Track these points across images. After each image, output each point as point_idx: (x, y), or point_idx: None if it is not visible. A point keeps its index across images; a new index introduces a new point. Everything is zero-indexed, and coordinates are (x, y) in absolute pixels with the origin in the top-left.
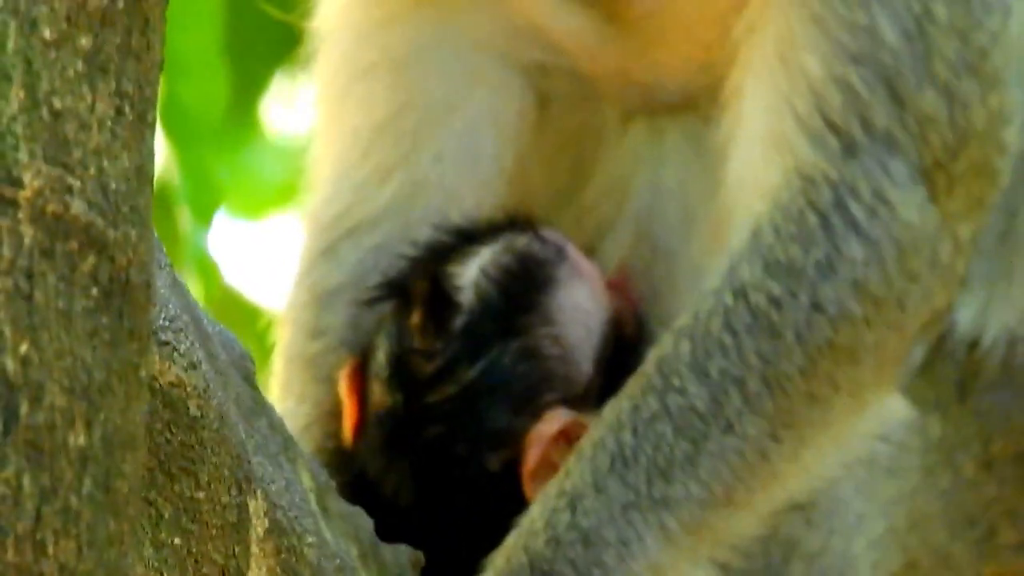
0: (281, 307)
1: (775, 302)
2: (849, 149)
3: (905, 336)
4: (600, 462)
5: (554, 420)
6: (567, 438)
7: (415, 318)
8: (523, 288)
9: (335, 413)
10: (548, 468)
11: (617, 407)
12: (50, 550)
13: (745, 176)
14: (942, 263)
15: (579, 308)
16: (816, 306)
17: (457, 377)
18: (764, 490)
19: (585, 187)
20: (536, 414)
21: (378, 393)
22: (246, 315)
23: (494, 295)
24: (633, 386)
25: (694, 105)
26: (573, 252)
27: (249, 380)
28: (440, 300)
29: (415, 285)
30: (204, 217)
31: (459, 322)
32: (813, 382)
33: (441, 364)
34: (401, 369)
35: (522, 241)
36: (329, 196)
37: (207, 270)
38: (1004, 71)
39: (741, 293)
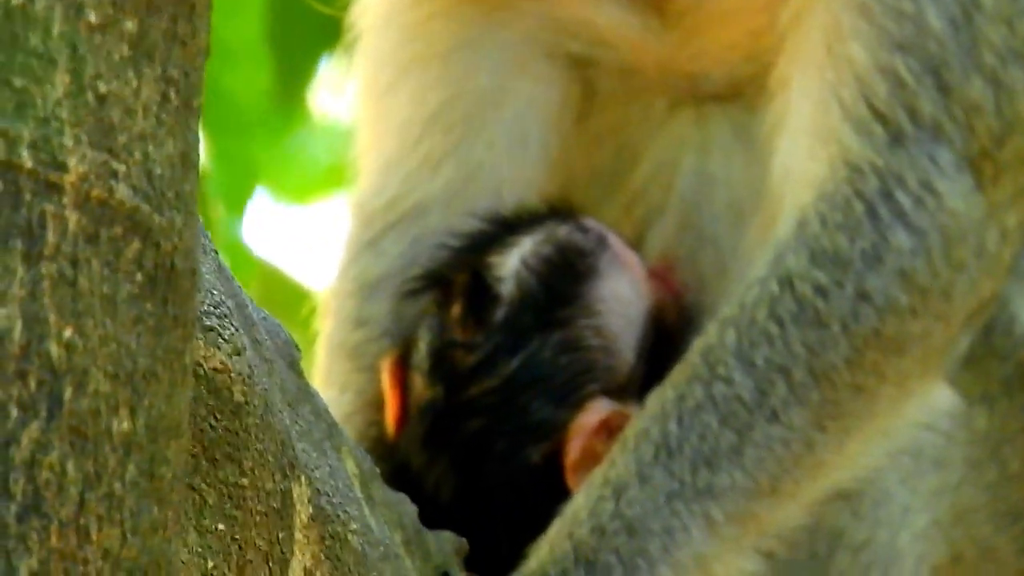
0: (325, 294)
1: (821, 291)
2: (896, 138)
3: (951, 326)
4: (644, 452)
5: (596, 411)
6: (609, 429)
7: (455, 310)
8: (564, 279)
9: (377, 403)
10: (591, 459)
11: (662, 397)
12: (94, 536)
13: (791, 165)
14: (988, 252)
15: (621, 298)
16: (862, 296)
17: (498, 370)
18: (809, 480)
19: (630, 176)
20: (578, 405)
21: (419, 385)
22: (292, 300)
23: (535, 286)
24: (678, 375)
25: (740, 94)
26: (615, 241)
27: (294, 367)
28: (481, 292)
29: (456, 276)
30: (238, 205)
31: (500, 314)
32: (859, 373)
33: (482, 357)
34: (442, 362)
35: (563, 231)
36: (377, 187)
37: (242, 258)
38: None
39: (787, 282)
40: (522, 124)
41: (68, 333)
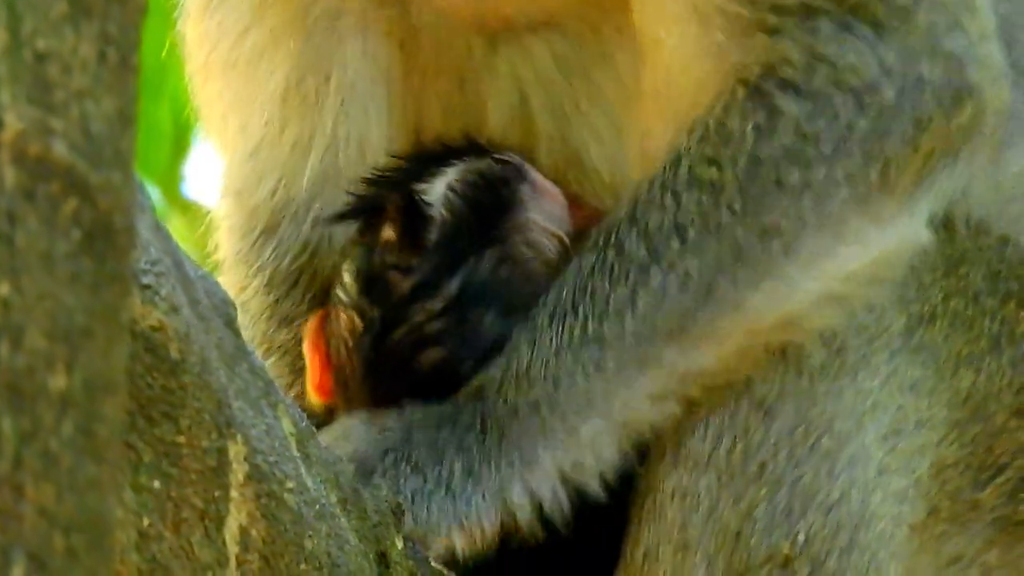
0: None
1: (712, 162)
2: (773, 30)
3: (893, 164)
4: (541, 320)
5: None
6: None
7: (388, 234)
8: (491, 201)
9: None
10: None
11: (572, 269)
12: (29, 493)
13: (664, 75)
14: (889, 94)
15: (546, 217)
16: (755, 160)
17: (440, 291)
18: (719, 322)
19: (484, 114)
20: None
21: (348, 321)
22: None
23: (465, 209)
24: (582, 250)
25: (557, 24)
26: (532, 170)
27: (231, 325)
28: (413, 214)
29: (386, 200)
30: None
31: (433, 236)
32: (764, 219)
33: (421, 278)
34: (376, 285)
35: (483, 162)
36: (254, 174)
37: (189, 213)
38: None
39: (676, 162)
40: (369, 86)
41: (4, 289)
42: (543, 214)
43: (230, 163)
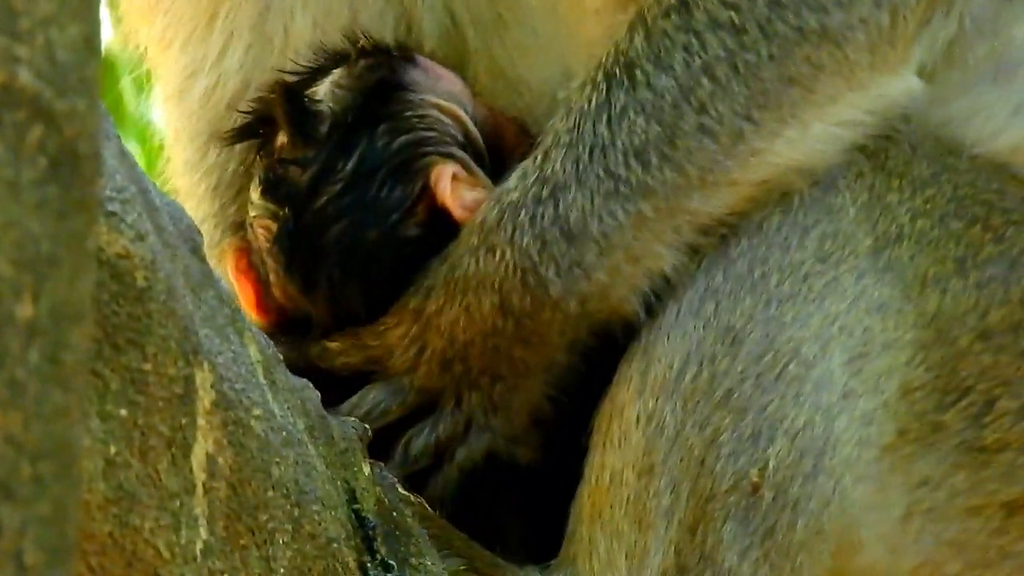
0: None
1: (730, 6)
2: None
3: (900, 12)
4: (580, 150)
5: (444, 167)
6: (460, 183)
7: (281, 138)
8: (378, 85)
9: None
10: (460, 193)
11: (581, 99)
12: None
13: None
14: None
15: (441, 95)
16: (775, 2)
17: (336, 175)
18: (741, 170)
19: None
20: (423, 172)
21: (264, 228)
22: None
23: (351, 97)
24: (586, 87)
25: None
26: (422, 57)
27: (196, 252)
28: (301, 113)
29: (274, 107)
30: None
31: (323, 128)
32: (788, 66)
33: (318, 167)
34: (279, 186)
35: (370, 59)
36: (189, 69)
37: (150, 141)
38: None
39: (685, 5)
40: None
41: None
42: (432, 91)
43: (165, 64)
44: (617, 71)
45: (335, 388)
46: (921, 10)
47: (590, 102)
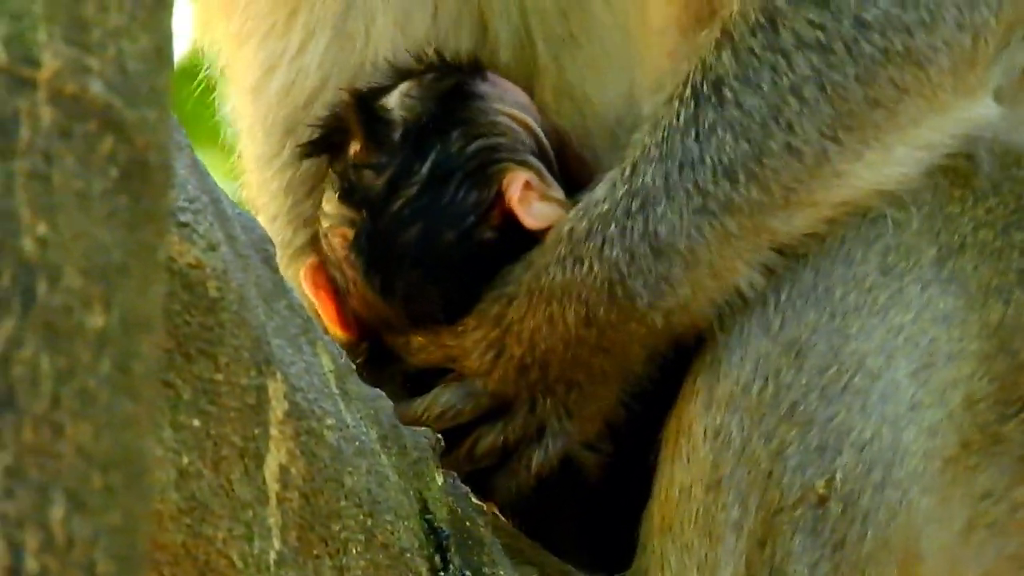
0: (252, 184)
1: (817, 26)
2: None
3: (981, 35)
4: (669, 164)
5: (517, 174)
6: (532, 190)
7: (355, 145)
8: (449, 93)
9: None
10: (530, 199)
11: (670, 114)
12: (68, 431)
13: None
14: None
15: (507, 102)
16: (861, 23)
17: (412, 179)
18: (823, 191)
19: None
20: (497, 177)
21: (339, 240)
22: None
23: (423, 105)
24: (673, 103)
25: None
26: (494, 74)
27: (269, 262)
28: (374, 120)
29: (347, 116)
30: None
31: (397, 135)
32: (873, 87)
33: (393, 172)
34: (355, 191)
35: (439, 72)
36: (268, 64)
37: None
38: None
39: (772, 24)
40: None
41: (42, 229)
42: (502, 101)
43: (242, 59)
44: (705, 87)
45: (412, 385)
46: (1001, 33)
47: (678, 117)
